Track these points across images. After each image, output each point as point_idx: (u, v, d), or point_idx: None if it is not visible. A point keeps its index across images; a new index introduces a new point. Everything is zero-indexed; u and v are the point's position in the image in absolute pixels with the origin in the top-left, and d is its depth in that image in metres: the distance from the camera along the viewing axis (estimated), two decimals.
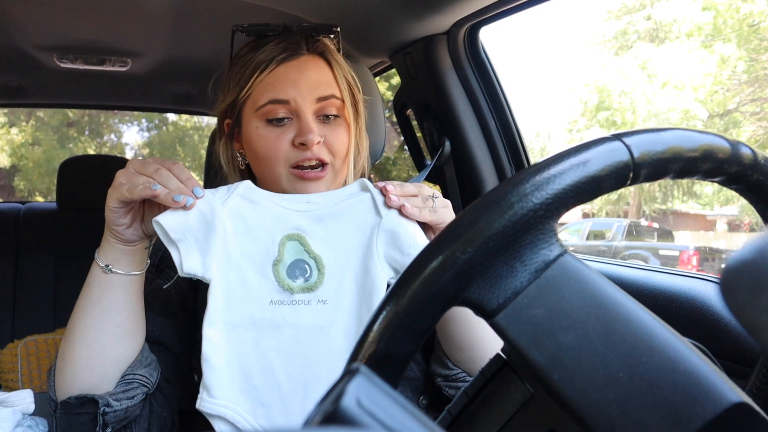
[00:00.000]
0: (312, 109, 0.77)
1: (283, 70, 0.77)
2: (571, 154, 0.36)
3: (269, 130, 0.77)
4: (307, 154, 0.76)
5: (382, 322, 0.35)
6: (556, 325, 0.34)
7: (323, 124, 0.78)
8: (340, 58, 0.82)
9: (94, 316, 0.70)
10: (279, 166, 0.77)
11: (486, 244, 0.34)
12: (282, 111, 0.76)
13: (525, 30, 20.00)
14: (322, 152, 0.77)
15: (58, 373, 0.72)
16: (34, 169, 13.64)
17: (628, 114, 11.63)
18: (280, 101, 0.76)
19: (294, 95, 0.76)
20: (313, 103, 0.77)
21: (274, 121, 0.77)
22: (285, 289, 0.69)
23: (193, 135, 15.30)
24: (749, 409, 0.32)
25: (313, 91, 0.76)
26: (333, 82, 0.79)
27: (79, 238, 2.06)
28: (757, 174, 0.40)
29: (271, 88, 0.76)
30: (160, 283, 0.81)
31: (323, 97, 0.77)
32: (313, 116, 0.77)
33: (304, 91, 0.76)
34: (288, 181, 0.78)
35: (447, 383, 0.81)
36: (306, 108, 0.76)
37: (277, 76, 0.77)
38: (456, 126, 1.34)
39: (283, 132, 0.77)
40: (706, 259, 9.20)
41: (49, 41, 1.64)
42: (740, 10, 10.63)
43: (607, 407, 0.33)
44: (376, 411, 0.22)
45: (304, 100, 0.76)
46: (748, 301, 0.25)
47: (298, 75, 0.77)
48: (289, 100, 0.76)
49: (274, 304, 0.68)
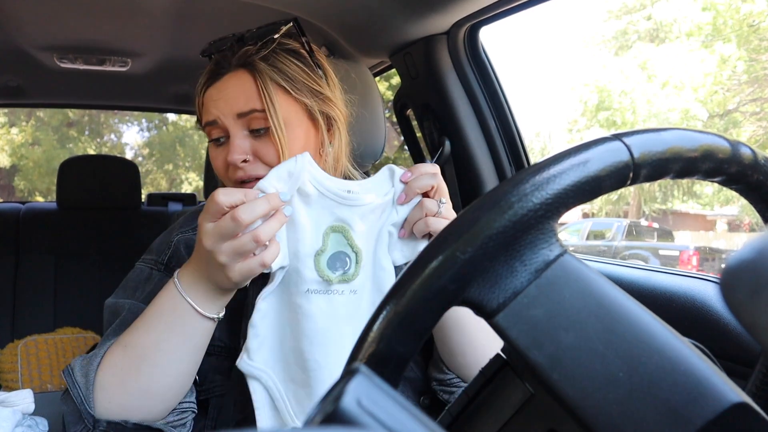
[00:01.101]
0: (238, 126, 0.77)
1: (210, 93, 0.79)
2: (571, 154, 0.36)
3: (213, 148, 0.80)
4: (239, 173, 0.77)
5: (382, 322, 0.35)
6: (556, 325, 0.34)
7: (255, 138, 0.77)
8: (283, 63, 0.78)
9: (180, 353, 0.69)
10: (227, 182, 0.80)
11: (486, 244, 0.34)
12: (215, 132, 0.79)
13: (525, 30, 20.00)
14: (255, 169, 0.77)
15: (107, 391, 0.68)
16: (34, 169, 13.65)
17: (628, 114, 11.63)
18: (210, 123, 0.78)
19: (217, 114, 0.77)
20: (236, 119, 0.76)
21: (214, 141, 0.80)
22: (324, 280, 0.70)
23: (193, 135, 15.29)
24: (749, 409, 0.32)
25: (232, 107, 0.76)
26: (256, 95, 0.76)
27: (79, 238, 2.06)
28: (757, 174, 0.40)
29: (204, 110, 0.79)
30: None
31: (242, 113, 0.76)
32: (243, 131, 0.77)
33: (225, 110, 0.76)
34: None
35: (441, 387, 0.82)
36: (231, 126, 0.76)
37: (207, 98, 0.79)
38: (456, 126, 1.34)
39: (222, 150, 0.79)
40: (706, 259, 9.20)
41: (49, 41, 1.64)
42: (740, 10, 10.63)
43: (607, 407, 0.33)
44: (376, 411, 0.22)
45: (226, 118, 0.76)
46: (748, 301, 0.25)
47: (219, 94, 0.77)
48: (215, 120, 0.77)
49: (311, 292, 0.70)
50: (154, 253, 0.85)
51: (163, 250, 0.84)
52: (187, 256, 0.81)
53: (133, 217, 2.14)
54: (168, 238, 0.85)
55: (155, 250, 0.85)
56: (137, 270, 0.84)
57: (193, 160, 15.36)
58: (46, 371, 1.77)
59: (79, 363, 0.71)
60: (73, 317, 1.95)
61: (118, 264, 2.04)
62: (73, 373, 0.70)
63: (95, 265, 2.04)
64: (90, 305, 1.97)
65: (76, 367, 0.71)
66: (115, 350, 0.70)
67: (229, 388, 0.78)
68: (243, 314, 0.79)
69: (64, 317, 1.96)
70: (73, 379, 0.69)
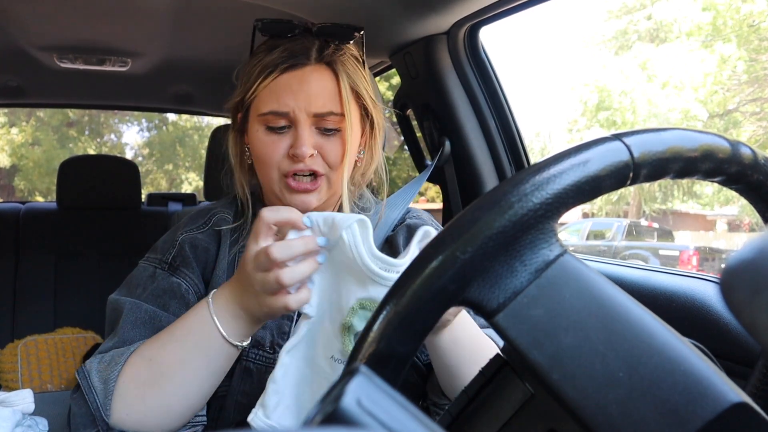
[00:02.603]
0: (309, 122, 0.77)
1: (285, 80, 0.76)
2: (571, 154, 0.36)
3: (268, 135, 0.78)
4: (299, 165, 0.77)
5: (382, 321, 0.35)
6: (556, 325, 0.34)
7: (321, 135, 0.78)
8: (353, 69, 0.80)
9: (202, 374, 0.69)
10: (273, 172, 0.79)
11: (486, 244, 0.34)
12: (281, 121, 0.77)
13: (525, 30, 19.99)
14: (315, 164, 0.78)
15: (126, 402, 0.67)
16: (34, 169, 13.64)
17: (628, 114, 11.63)
18: (279, 113, 0.76)
19: (293, 107, 0.76)
20: (310, 117, 0.77)
21: (273, 129, 0.78)
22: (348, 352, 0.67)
23: (193, 135, 15.31)
24: (749, 409, 0.32)
25: (311, 105, 0.76)
26: (335, 97, 0.78)
27: (79, 238, 2.06)
28: (757, 174, 0.40)
29: (273, 97, 0.77)
30: (176, 282, 0.80)
31: (320, 113, 0.77)
32: (311, 127, 0.77)
33: (302, 104, 0.76)
34: (279, 188, 0.79)
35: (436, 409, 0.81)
36: (303, 120, 0.76)
37: (279, 84, 0.76)
38: (456, 126, 1.34)
39: (281, 139, 0.77)
40: (706, 259, 9.20)
41: (49, 41, 1.64)
42: (740, 10, 10.63)
43: (607, 407, 0.33)
44: (376, 411, 0.22)
45: (301, 112, 0.76)
46: (748, 301, 0.25)
47: (299, 86, 0.76)
48: (288, 112, 0.76)
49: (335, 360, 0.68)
50: (158, 251, 0.84)
51: (168, 249, 0.83)
52: (192, 256, 0.81)
53: (133, 217, 2.13)
54: (173, 237, 0.85)
55: (159, 249, 0.85)
56: (140, 268, 0.84)
57: (193, 160, 15.36)
58: (46, 371, 1.77)
59: (96, 367, 0.70)
60: (73, 317, 1.94)
61: (118, 264, 2.04)
62: (90, 377, 0.69)
63: (95, 265, 2.04)
64: (90, 305, 1.97)
65: (93, 370, 0.70)
66: (138, 362, 0.69)
67: (230, 390, 0.78)
68: None
69: (64, 317, 1.95)
70: (89, 383, 0.68)
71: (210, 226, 0.85)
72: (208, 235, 0.85)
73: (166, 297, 0.78)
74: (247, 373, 0.77)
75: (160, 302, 0.77)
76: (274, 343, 0.79)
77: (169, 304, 0.77)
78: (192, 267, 0.81)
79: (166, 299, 0.78)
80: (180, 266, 0.81)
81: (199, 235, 0.84)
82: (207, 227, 0.85)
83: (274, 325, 0.80)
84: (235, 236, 0.85)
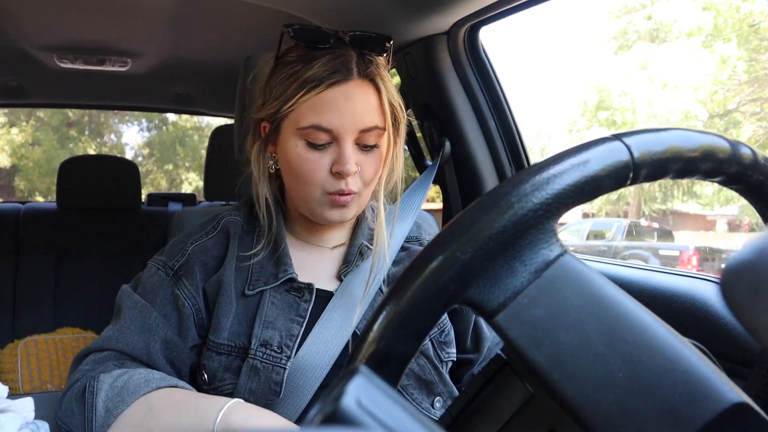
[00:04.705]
0: (353, 138, 0.76)
1: (331, 95, 0.74)
2: (571, 154, 0.36)
3: (308, 151, 0.76)
4: (341, 184, 0.76)
5: (382, 322, 0.35)
6: (556, 325, 0.34)
7: (361, 152, 0.78)
8: (387, 80, 0.79)
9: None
10: (315, 190, 0.78)
11: (486, 244, 0.34)
12: (324, 137, 0.75)
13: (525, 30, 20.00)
14: (355, 183, 0.77)
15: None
16: (34, 169, 13.65)
17: (628, 114, 11.63)
18: (323, 128, 0.75)
19: (338, 125, 0.74)
20: (356, 133, 0.76)
21: (314, 145, 0.76)
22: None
23: (193, 135, 15.30)
24: (749, 409, 0.32)
25: (357, 122, 0.75)
26: (378, 111, 0.77)
27: (79, 238, 2.06)
28: (757, 174, 0.40)
29: (316, 111, 0.75)
30: (178, 294, 0.81)
31: (366, 129, 0.76)
32: (353, 144, 0.77)
33: (348, 122, 0.74)
34: (319, 204, 0.79)
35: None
36: (347, 138, 0.75)
37: (324, 100, 0.74)
38: (456, 126, 1.34)
39: (322, 156, 0.76)
40: (706, 259, 9.20)
41: (49, 41, 1.64)
42: (740, 10, 10.63)
43: (607, 407, 0.33)
44: (376, 411, 0.22)
45: (346, 128, 0.75)
46: (748, 301, 0.25)
47: (345, 103, 0.74)
48: (332, 129, 0.75)
49: None
50: (166, 255, 0.85)
51: (176, 256, 0.84)
52: (200, 270, 0.82)
53: (133, 217, 2.14)
54: (183, 246, 0.85)
55: (168, 253, 0.85)
56: (147, 266, 0.86)
57: (193, 160, 15.35)
58: (46, 371, 1.77)
59: (106, 388, 0.70)
60: (73, 317, 1.95)
61: (118, 264, 2.04)
62: (96, 397, 0.69)
63: (95, 265, 2.04)
64: (90, 305, 1.97)
65: (102, 391, 0.70)
66: (140, 407, 0.69)
67: (237, 387, 0.78)
68: (255, 314, 0.80)
69: (64, 317, 1.96)
70: (94, 402, 0.69)
71: (218, 230, 0.87)
72: (216, 240, 0.86)
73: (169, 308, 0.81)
74: (254, 371, 0.78)
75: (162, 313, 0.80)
76: (282, 344, 0.79)
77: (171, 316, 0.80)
78: (194, 278, 0.82)
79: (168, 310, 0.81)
80: (182, 277, 0.82)
81: (208, 242, 0.85)
82: (215, 232, 0.86)
83: (284, 327, 0.80)
84: (246, 241, 0.86)
